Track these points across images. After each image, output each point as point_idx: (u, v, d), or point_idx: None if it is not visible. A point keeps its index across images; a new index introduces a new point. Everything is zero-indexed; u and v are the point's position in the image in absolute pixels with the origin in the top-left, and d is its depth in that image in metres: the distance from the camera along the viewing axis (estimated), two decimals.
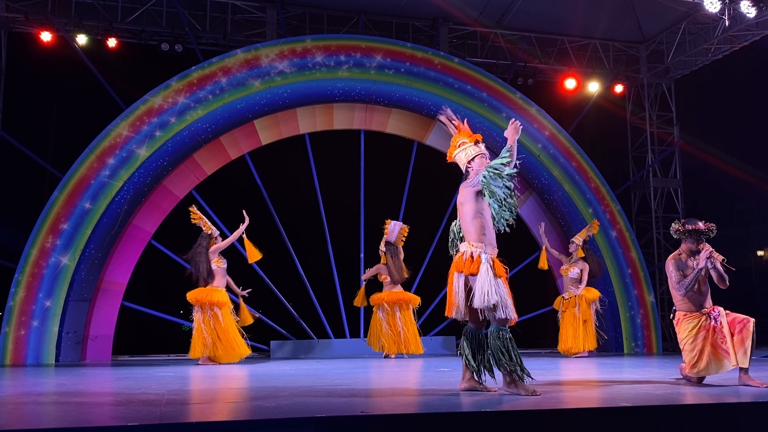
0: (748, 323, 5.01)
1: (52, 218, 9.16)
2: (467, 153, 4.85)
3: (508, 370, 4.47)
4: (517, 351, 4.50)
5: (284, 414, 3.63)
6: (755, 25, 11.04)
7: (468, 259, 4.56)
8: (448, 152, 5.02)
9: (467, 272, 4.53)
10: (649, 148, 12.97)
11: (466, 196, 4.69)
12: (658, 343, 10.95)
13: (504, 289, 4.50)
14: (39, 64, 10.63)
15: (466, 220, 4.67)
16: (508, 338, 4.50)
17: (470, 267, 4.53)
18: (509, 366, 4.45)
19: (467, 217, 4.65)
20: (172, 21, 10.90)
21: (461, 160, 4.89)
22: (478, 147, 4.84)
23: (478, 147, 4.84)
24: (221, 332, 8.35)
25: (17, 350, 8.89)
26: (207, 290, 8.48)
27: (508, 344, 4.48)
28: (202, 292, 8.46)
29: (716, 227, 5.31)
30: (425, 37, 11.93)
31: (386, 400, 4.24)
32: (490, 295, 4.40)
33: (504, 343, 4.48)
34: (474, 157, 4.81)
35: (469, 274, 4.53)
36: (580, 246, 10.01)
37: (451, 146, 4.97)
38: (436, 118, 5.12)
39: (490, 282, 4.43)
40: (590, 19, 11.84)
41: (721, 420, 3.82)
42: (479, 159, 4.79)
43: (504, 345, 4.47)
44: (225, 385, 5.35)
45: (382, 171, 11.27)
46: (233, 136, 10.13)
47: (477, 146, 4.84)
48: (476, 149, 4.83)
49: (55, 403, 4.28)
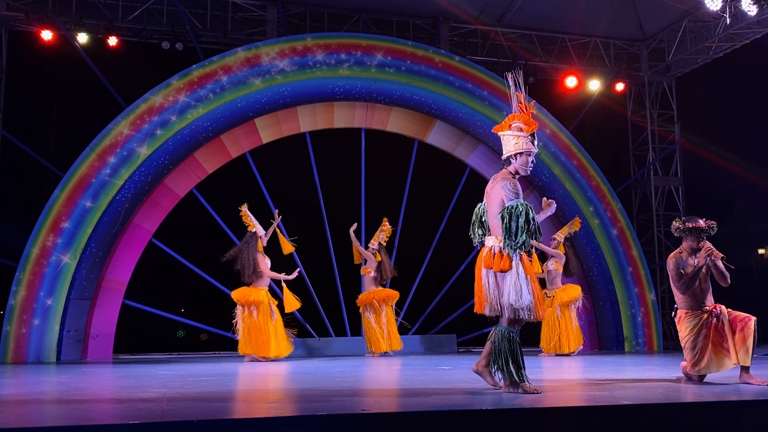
0: (750, 321, 5.01)
1: (53, 217, 9.17)
2: (518, 144, 4.56)
3: (508, 373, 4.38)
4: (521, 354, 4.42)
5: (286, 412, 3.63)
6: (756, 23, 11.03)
7: (497, 255, 4.41)
8: (499, 124, 4.73)
9: (497, 269, 4.39)
10: (650, 147, 12.96)
11: (495, 192, 4.49)
12: (659, 342, 10.95)
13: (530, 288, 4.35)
14: (40, 63, 10.63)
15: (492, 213, 4.49)
16: (517, 341, 4.41)
17: (500, 264, 4.38)
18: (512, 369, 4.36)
19: (493, 211, 4.48)
20: (172, 19, 10.90)
21: (508, 144, 4.60)
22: (529, 143, 4.56)
23: (529, 143, 4.56)
24: (257, 330, 8.60)
25: (18, 348, 8.90)
26: (249, 290, 8.76)
27: (516, 347, 4.40)
28: (244, 291, 8.74)
29: (717, 225, 5.31)
30: (426, 36, 11.92)
31: (388, 399, 4.25)
32: (522, 296, 4.30)
33: (512, 345, 4.39)
34: (523, 152, 4.56)
35: (499, 270, 4.39)
36: (561, 243, 9.92)
37: (505, 122, 4.66)
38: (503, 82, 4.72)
39: (521, 281, 4.32)
40: (591, 17, 11.83)
41: (722, 418, 3.81)
42: (526, 156, 4.56)
43: (511, 347, 4.39)
44: (226, 383, 5.36)
45: (383, 169, 11.27)
46: (234, 134, 10.13)
47: (529, 140, 4.56)
48: (528, 145, 4.55)
49: (56, 402, 4.29)
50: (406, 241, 10.99)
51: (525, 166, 4.58)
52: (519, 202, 4.38)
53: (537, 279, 4.59)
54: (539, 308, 4.39)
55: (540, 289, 4.51)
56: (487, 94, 10.71)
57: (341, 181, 11.19)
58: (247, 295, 8.72)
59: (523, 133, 4.57)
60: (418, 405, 3.90)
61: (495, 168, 11.09)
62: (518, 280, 4.33)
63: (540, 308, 4.41)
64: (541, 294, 4.48)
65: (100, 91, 10.15)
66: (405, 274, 10.86)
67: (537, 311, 4.36)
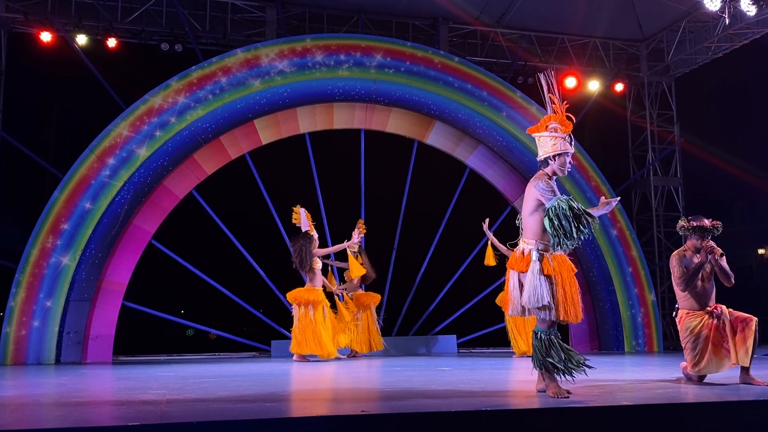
0: (751, 322, 5.01)
1: (52, 218, 9.16)
2: (555, 145, 4.51)
3: (545, 369, 4.39)
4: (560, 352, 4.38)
5: (286, 413, 3.63)
6: (755, 23, 11.03)
7: (520, 256, 4.44)
8: (535, 126, 4.66)
9: (518, 270, 4.42)
10: (649, 147, 12.96)
11: (530, 192, 4.47)
12: (659, 342, 10.94)
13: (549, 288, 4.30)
14: (39, 65, 10.62)
15: (525, 215, 4.50)
16: (547, 340, 4.38)
17: (521, 264, 4.41)
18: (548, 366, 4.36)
19: (526, 212, 4.48)
20: (171, 21, 10.90)
21: (545, 145, 4.55)
22: (567, 143, 4.52)
23: (567, 144, 4.52)
24: (313, 330, 8.67)
25: (18, 350, 8.89)
26: (305, 290, 8.84)
27: (548, 346, 4.37)
28: (300, 291, 8.82)
29: (722, 225, 5.32)
30: (425, 37, 11.92)
31: (388, 400, 4.24)
32: (536, 296, 4.29)
33: (542, 344, 4.38)
34: (561, 153, 4.50)
35: (520, 271, 4.41)
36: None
37: (541, 123, 4.61)
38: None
39: (537, 281, 4.31)
40: (590, 17, 11.83)
41: (722, 419, 3.81)
42: (564, 157, 4.51)
43: (542, 347, 4.37)
44: (225, 384, 5.35)
45: (383, 170, 11.26)
46: (233, 135, 10.13)
47: (567, 141, 4.52)
48: (566, 146, 4.51)
49: (56, 404, 4.28)
50: (406, 241, 10.99)
51: (563, 167, 4.54)
52: (558, 199, 4.31)
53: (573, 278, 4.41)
54: (564, 308, 4.30)
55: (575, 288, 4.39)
56: (486, 94, 10.71)
57: (341, 183, 11.19)
58: (304, 294, 8.80)
59: (560, 134, 4.54)
60: (418, 406, 3.89)
61: (495, 168, 11.11)
62: (535, 281, 4.31)
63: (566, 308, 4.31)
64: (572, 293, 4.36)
65: (99, 92, 10.14)
66: (405, 274, 10.86)
67: (559, 311, 4.30)
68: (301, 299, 8.74)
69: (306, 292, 8.77)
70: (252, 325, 11.28)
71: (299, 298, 8.75)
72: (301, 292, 8.78)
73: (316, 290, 8.84)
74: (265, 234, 10.72)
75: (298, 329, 8.63)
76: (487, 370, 6.79)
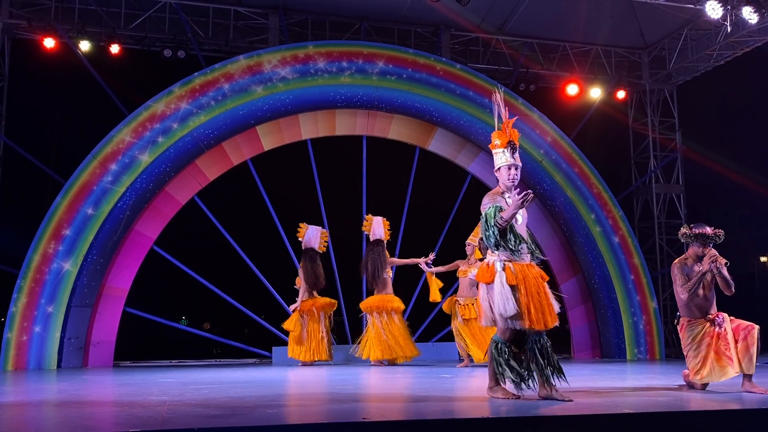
0: (753, 330, 5.00)
1: (54, 224, 9.17)
2: (496, 159, 4.75)
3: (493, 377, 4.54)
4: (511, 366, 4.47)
5: (286, 420, 3.63)
6: (757, 31, 11.05)
7: (485, 268, 4.57)
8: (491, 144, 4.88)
9: (485, 281, 4.54)
10: (651, 154, 12.96)
11: (482, 208, 4.63)
12: (661, 350, 10.92)
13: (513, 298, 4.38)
14: (42, 71, 10.66)
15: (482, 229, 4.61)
16: (504, 351, 4.48)
17: (486, 276, 4.53)
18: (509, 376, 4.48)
19: (482, 227, 4.59)
20: (174, 27, 10.93)
21: (495, 161, 4.77)
22: (505, 155, 4.68)
23: (506, 155, 4.68)
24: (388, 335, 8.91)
25: (19, 356, 8.89)
26: (379, 297, 9.08)
27: (505, 356, 4.47)
28: (374, 299, 9.09)
29: (724, 234, 5.32)
30: (427, 44, 11.95)
31: (389, 407, 4.23)
32: (503, 306, 4.39)
33: (501, 354, 4.48)
34: (501, 167, 4.70)
35: (487, 283, 4.52)
36: (478, 247, 9.30)
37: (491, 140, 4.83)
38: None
39: (502, 291, 4.41)
40: (592, 25, 11.86)
41: (724, 427, 3.80)
42: (504, 170, 4.67)
43: (501, 356, 4.48)
44: (226, 391, 5.34)
45: (384, 177, 11.27)
46: (235, 141, 10.14)
47: (505, 153, 4.68)
48: (504, 158, 4.68)
49: (57, 409, 4.28)
50: (407, 248, 10.98)
51: (505, 180, 4.69)
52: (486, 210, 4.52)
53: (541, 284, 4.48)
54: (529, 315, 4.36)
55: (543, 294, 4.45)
56: (488, 101, 10.69)
57: (343, 189, 11.20)
58: (378, 302, 9.04)
59: (499, 147, 4.72)
60: (419, 413, 3.89)
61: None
62: (503, 291, 4.42)
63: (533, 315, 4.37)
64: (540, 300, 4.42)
65: (102, 98, 10.17)
66: (407, 281, 10.84)
67: (524, 319, 4.36)
68: (376, 306, 9.03)
69: (381, 300, 9.05)
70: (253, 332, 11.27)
71: (374, 306, 9.05)
72: (376, 300, 9.07)
73: (394, 297, 9.14)
74: (267, 240, 10.72)
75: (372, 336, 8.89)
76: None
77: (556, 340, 10.42)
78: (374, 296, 9.17)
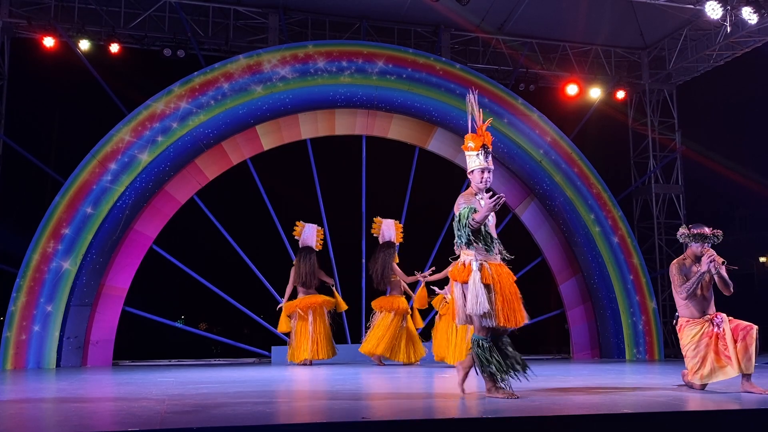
0: (752, 330, 5.01)
1: (53, 223, 9.17)
2: (468, 162, 4.85)
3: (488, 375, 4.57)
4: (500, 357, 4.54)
5: (285, 420, 3.63)
6: (757, 32, 11.05)
7: (461, 267, 4.65)
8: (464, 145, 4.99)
9: (460, 280, 4.62)
10: (651, 154, 12.96)
11: (456, 208, 4.73)
12: (660, 350, 10.92)
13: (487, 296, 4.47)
14: (42, 70, 10.65)
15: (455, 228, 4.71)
16: (488, 347, 4.55)
17: (462, 275, 4.61)
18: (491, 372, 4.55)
19: (455, 226, 4.69)
20: (174, 27, 10.93)
21: (467, 164, 4.87)
22: (479, 159, 4.76)
23: (479, 159, 4.76)
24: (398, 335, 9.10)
25: (18, 355, 8.88)
26: (390, 298, 9.30)
27: (488, 353, 4.54)
28: (386, 299, 9.31)
29: (722, 234, 5.33)
30: (427, 43, 11.95)
31: (389, 406, 4.23)
32: (478, 304, 4.48)
33: (483, 351, 4.55)
34: (474, 170, 4.79)
35: (462, 282, 4.61)
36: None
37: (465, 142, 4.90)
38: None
39: (477, 290, 4.49)
40: (592, 25, 11.85)
41: (723, 427, 3.80)
42: (477, 173, 4.76)
43: (483, 353, 4.54)
44: (225, 390, 5.35)
45: (384, 176, 11.27)
46: (235, 141, 10.14)
47: (479, 157, 4.76)
48: (476, 162, 4.77)
49: (56, 409, 4.28)
50: (407, 248, 10.96)
51: (478, 182, 4.78)
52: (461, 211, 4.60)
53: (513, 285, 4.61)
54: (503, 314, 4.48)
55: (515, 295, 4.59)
56: (488, 101, 10.72)
57: (342, 189, 11.19)
58: (390, 302, 9.23)
59: (473, 150, 4.79)
60: (417, 413, 3.89)
61: (496, 175, 11.00)
62: (476, 290, 4.50)
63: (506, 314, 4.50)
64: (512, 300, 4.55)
65: (101, 97, 10.16)
66: None
67: (499, 317, 4.47)
68: (388, 306, 9.19)
69: (393, 300, 9.22)
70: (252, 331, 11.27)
71: (386, 305, 9.22)
72: (387, 300, 9.26)
73: (401, 298, 9.30)
74: (266, 239, 10.72)
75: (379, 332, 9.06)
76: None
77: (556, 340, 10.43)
78: (385, 296, 9.35)
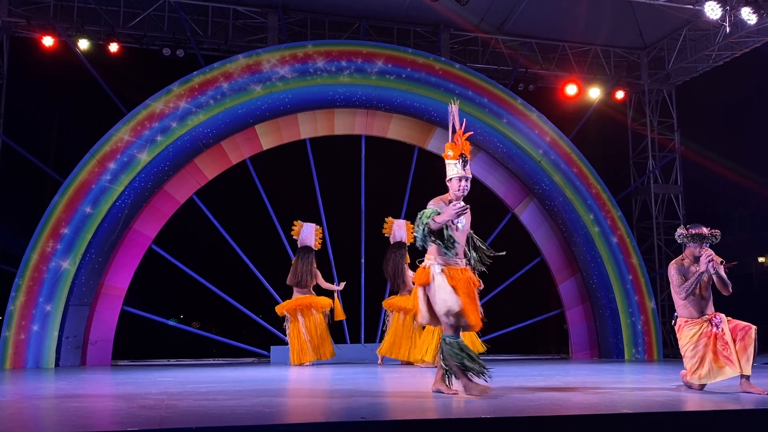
0: (750, 330, 5.01)
1: (52, 223, 9.16)
2: (447, 170, 4.89)
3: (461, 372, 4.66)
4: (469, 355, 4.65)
5: (284, 419, 3.63)
6: (756, 32, 11.05)
7: (422, 270, 4.78)
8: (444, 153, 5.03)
9: (421, 283, 4.75)
10: (650, 154, 12.97)
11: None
12: (659, 350, 10.93)
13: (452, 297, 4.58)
14: (41, 69, 10.64)
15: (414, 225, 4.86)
16: (457, 344, 4.64)
17: (422, 278, 4.74)
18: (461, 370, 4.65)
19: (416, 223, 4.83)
20: (173, 26, 10.92)
21: (447, 172, 4.92)
22: (457, 167, 4.79)
23: (457, 167, 4.79)
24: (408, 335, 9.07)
25: (17, 354, 8.88)
26: (400, 298, 9.26)
27: (458, 350, 4.63)
28: (396, 299, 9.30)
29: (720, 234, 5.33)
30: (426, 43, 11.95)
31: (389, 406, 4.23)
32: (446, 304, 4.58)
33: (453, 348, 4.63)
34: (451, 178, 4.84)
35: (424, 285, 4.73)
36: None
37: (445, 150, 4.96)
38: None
39: (444, 291, 4.60)
40: (591, 25, 11.86)
41: (722, 427, 3.81)
42: (455, 181, 4.80)
43: (453, 351, 4.63)
44: (225, 390, 5.34)
45: (383, 176, 11.27)
46: (234, 141, 10.14)
47: (457, 166, 4.79)
48: (454, 170, 4.81)
49: (55, 408, 4.28)
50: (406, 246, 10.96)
51: (455, 190, 4.82)
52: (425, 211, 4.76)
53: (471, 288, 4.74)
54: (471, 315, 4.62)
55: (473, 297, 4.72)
56: (487, 101, 10.73)
57: (341, 188, 11.19)
58: (399, 302, 9.20)
59: (451, 159, 4.84)
60: (417, 413, 3.89)
61: (495, 175, 11.12)
62: (442, 291, 4.62)
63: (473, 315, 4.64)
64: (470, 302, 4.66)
65: (100, 97, 10.16)
66: None
67: (469, 318, 4.60)
68: (396, 306, 9.20)
69: (402, 300, 9.19)
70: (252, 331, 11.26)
71: (395, 305, 9.23)
72: (397, 300, 9.25)
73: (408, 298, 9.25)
74: (265, 239, 10.72)
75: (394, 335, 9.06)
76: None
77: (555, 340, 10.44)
78: (396, 296, 9.36)
